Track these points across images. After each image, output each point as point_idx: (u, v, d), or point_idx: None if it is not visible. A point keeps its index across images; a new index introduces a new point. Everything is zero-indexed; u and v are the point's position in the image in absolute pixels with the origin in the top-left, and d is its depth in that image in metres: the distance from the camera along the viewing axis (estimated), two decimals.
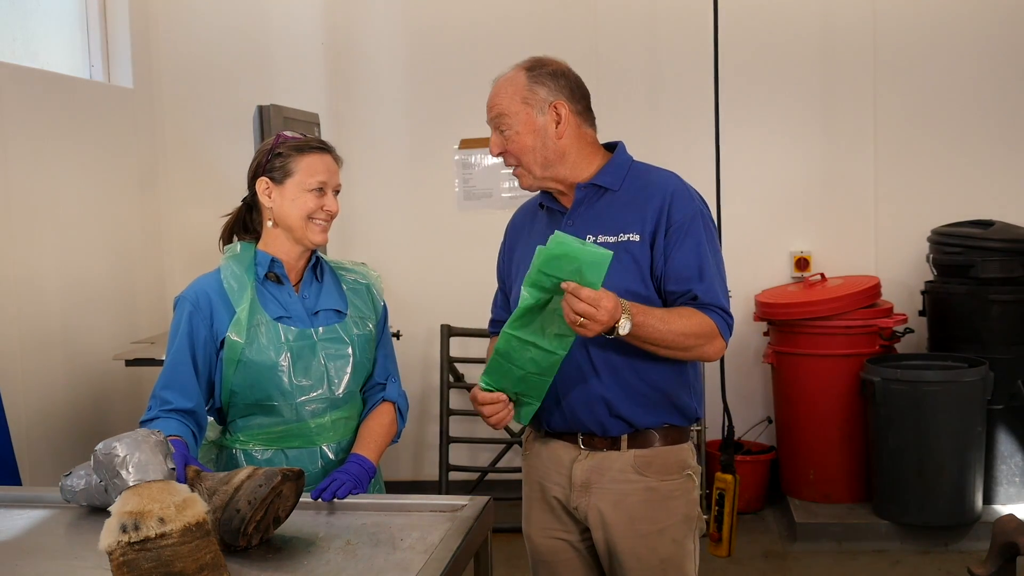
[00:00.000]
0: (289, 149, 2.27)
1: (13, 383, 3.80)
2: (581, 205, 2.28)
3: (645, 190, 2.25)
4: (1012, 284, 4.49)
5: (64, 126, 4.30)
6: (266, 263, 2.29)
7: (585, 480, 2.28)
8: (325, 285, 2.37)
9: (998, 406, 4.45)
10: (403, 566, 1.71)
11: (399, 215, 5.23)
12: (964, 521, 4.37)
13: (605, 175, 2.28)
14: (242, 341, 2.20)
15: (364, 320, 2.38)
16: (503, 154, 2.29)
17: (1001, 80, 4.92)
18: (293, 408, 2.24)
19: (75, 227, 4.33)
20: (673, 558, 2.28)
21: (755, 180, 5.02)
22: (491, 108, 2.27)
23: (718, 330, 2.19)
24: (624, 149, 2.36)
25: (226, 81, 5.14)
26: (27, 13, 4.40)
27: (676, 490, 2.28)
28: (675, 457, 2.29)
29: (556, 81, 2.25)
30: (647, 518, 2.26)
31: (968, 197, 4.87)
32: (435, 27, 5.16)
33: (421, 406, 5.27)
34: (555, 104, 2.24)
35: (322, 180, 2.26)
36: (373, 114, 5.20)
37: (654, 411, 2.25)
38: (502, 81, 2.28)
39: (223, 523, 1.77)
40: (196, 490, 1.80)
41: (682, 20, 5.00)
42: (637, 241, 2.20)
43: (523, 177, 2.30)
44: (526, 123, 2.23)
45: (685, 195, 2.24)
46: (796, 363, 4.68)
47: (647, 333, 2.10)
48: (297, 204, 2.25)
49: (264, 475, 1.81)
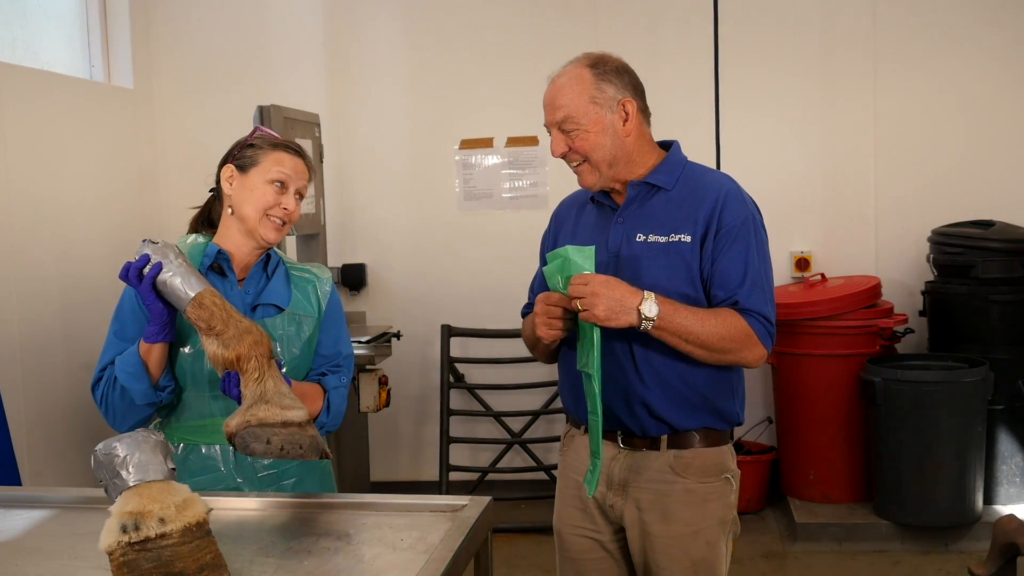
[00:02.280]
0: (263, 142, 2.25)
1: (13, 383, 3.80)
2: (633, 203, 2.26)
3: (698, 191, 2.22)
4: (1012, 284, 4.49)
5: (64, 126, 4.30)
6: (212, 254, 2.24)
7: (623, 479, 2.27)
8: (272, 281, 2.28)
9: (998, 406, 4.45)
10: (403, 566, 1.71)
11: (399, 215, 5.23)
12: (964, 521, 4.37)
13: (659, 173, 2.26)
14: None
15: (300, 318, 2.28)
16: (567, 153, 2.23)
17: (1001, 79, 4.93)
18: (205, 401, 2.19)
19: (75, 227, 4.33)
20: (705, 560, 2.25)
21: (755, 180, 4.95)
22: (555, 109, 2.20)
23: (757, 336, 2.16)
24: (679, 148, 2.33)
25: (226, 81, 5.14)
26: (27, 13, 4.40)
27: (713, 492, 2.26)
28: (714, 459, 2.26)
29: (621, 78, 2.21)
30: (682, 519, 2.24)
31: (968, 197, 4.87)
32: (435, 27, 5.17)
33: (421, 406, 5.27)
34: (623, 102, 2.20)
35: (286, 174, 2.21)
36: (373, 114, 5.20)
37: (694, 414, 2.23)
38: (564, 80, 2.20)
39: (249, 435, 1.81)
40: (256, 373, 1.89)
41: (683, 19, 5.00)
42: (688, 242, 2.18)
43: (588, 175, 2.24)
44: (596, 122, 2.18)
45: (738, 199, 2.22)
46: (796, 363, 4.68)
47: (678, 326, 2.08)
48: (256, 195, 2.20)
49: (310, 441, 1.85)
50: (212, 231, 2.32)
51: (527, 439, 5.01)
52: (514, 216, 5.16)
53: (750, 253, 2.18)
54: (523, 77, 5.02)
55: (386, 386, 4.25)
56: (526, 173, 5.16)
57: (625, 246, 2.23)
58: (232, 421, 1.80)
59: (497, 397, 5.12)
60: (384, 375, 4.24)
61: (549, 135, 2.26)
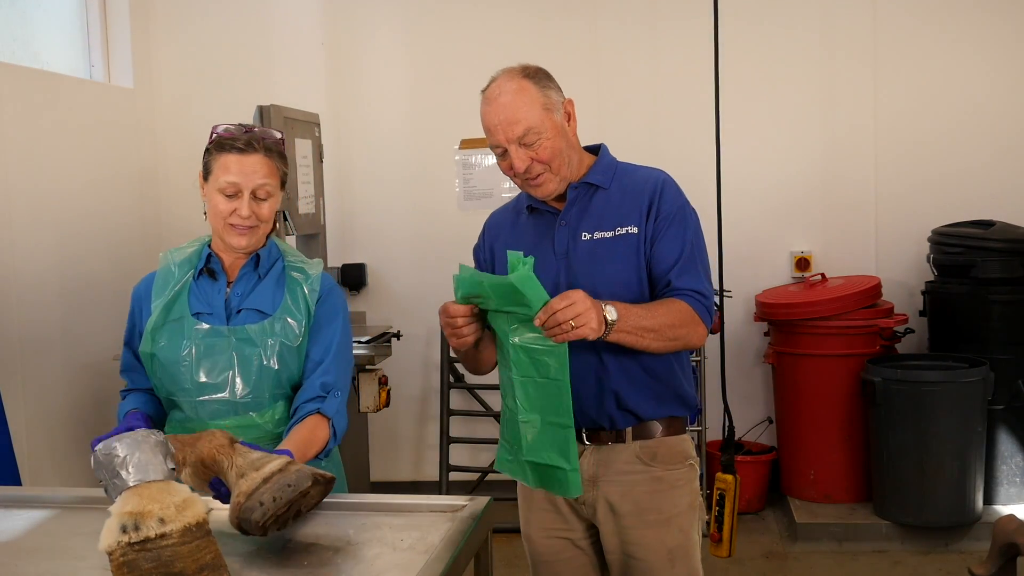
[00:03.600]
0: (214, 146, 2.21)
1: (13, 383, 3.80)
2: (575, 204, 2.29)
3: (636, 185, 2.28)
4: (1012, 284, 4.49)
5: (64, 126, 4.30)
6: (204, 257, 2.28)
7: (592, 474, 2.29)
8: (263, 284, 2.25)
9: (998, 406, 4.45)
10: (403, 566, 1.71)
11: (399, 215, 5.23)
12: (964, 521, 4.37)
13: (596, 173, 2.30)
14: (150, 335, 2.21)
15: (287, 324, 2.21)
16: (529, 166, 2.22)
17: (1001, 79, 4.93)
18: (193, 407, 2.20)
19: (75, 227, 4.33)
20: (680, 547, 2.31)
21: (756, 181, 5.02)
22: (512, 125, 2.18)
23: (697, 315, 2.19)
24: (607, 150, 2.37)
25: (226, 81, 5.14)
26: (27, 13, 4.40)
27: (680, 479, 2.31)
28: (678, 447, 2.32)
29: (553, 81, 2.26)
30: (654, 508, 2.28)
31: (968, 197, 4.87)
32: (435, 27, 5.16)
33: (421, 406, 5.27)
34: (565, 103, 2.25)
35: (232, 182, 2.16)
36: (373, 114, 5.20)
37: (659, 402, 2.28)
38: (511, 96, 2.19)
39: (244, 510, 1.72)
40: (225, 460, 1.81)
41: (683, 18, 5.00)
42: (636, 233, 2.24)
43: (549, 183, 2.25)
44: (553, 128, 2.21)
45: (673, 188, 2.28)
46: (797, 363, 4.68)
47: (634, 323, 2.09)
48: (212, 204, 2.20)
49: (296, 475, 1.76)
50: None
51: None
52: None
53: (686, 235, 2.23)
54: None
55: (386, 386, 4.25)
56: None
57: (572, 246, 2.27)
58: (230, 513, 1.76)
59: (497, 397, 5.08)
60: (384, 375, 4.24)
61: (499, 156, 2.24)
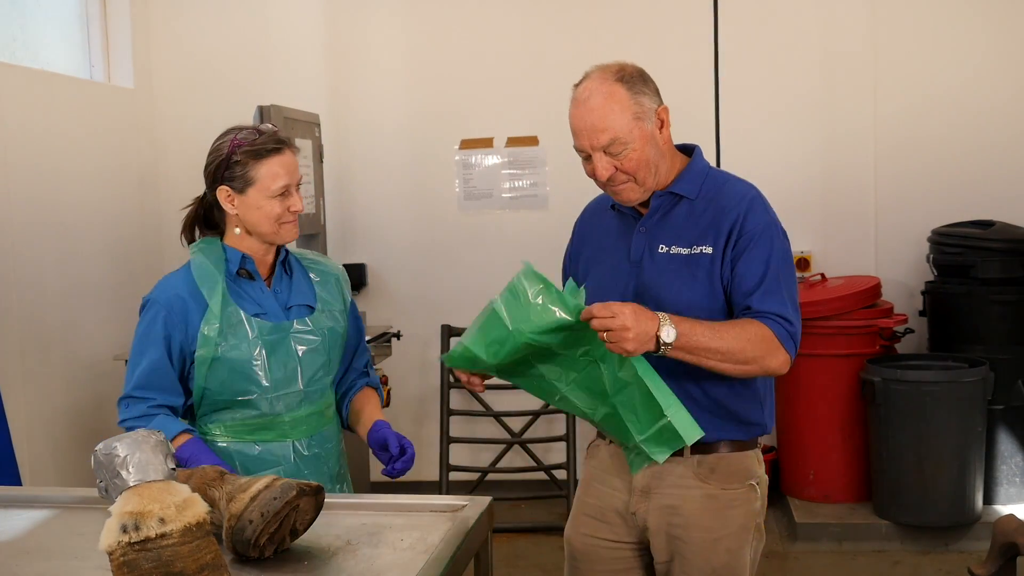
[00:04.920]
0: (246, 155, 2.22)
1: (13, 383, 3.80)
2: (656, 213, 2.20)
3: (721, 201, 2.18)
4: (1012, 284, 4.49)
5: (64, 126, 4.30)
6: (237, 259, 2.27)
7: (645, 485, 2.23)
8: (295, 280, 2.36)
9: (998, 406, 4.45)
10: (403, 566, 1.71)
11: (399, 215, 5.23)
12: (964, 521, 4.37)
13: (683, 183, 2.20)
14: (216, 337, 2.20)
15: (334, 313, 2.37)
16: (613, 175, 2.12)
17: (1001, 80, 4.93)
18: (269, 402, 2.25)
19: (75, 227, 4.33)
20: (727, 567, 2.20)
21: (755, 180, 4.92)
22: (598, 133, 2.08)
23: (778, 339, 2.09)
24: (701, 154, 2.27)
25: (226, 81, 5.14)
26: (27, 13, 4.40)
27: (737, 499, 2.21)
28: (739, 464, 2.22)
29: (648, 85, 2.14)
30: (702, 526, 2.19)
31: (968, 197, 4.87)
32: (435, 27, 5.16)
33: (421, 406, 5.27)
34: (659, 111, 2.14)
35: (284, 184, 2.23)
36: (373, 114, 5.20)
37: (718, 426, 2.18)
38: (600, 100, 2.08)
39: (235, 531, 1.73)
40: (216, 492, 1.80)
41: (683, 18, 5.00)
42: (709, 254, 2.14)
43: (632, 191, 2.16)
44: (640, 138, 2.10)
45: (762, 206, 2.18)
46: (796, 363, 4.55)
47: (696, 342, 2.00)
48: (264, 211, 2.23)
49: (281, 488, 1.76)
50: (214, 232, 2.34)
51: (527, 439, 5.00)
52: (514, 216, 5.16)
53: (770, 257, 2.13)
54: (523, 77, 5.03)
55: (386, 386, 4.25)
56: (526, 173, 5.16)
57: (647, 257, 2.19)
58: (224, 539, 1.74)
59: (497, 397, 5.11)
60: (384, 375, 4.25)
61: (583, 158, 2.15)
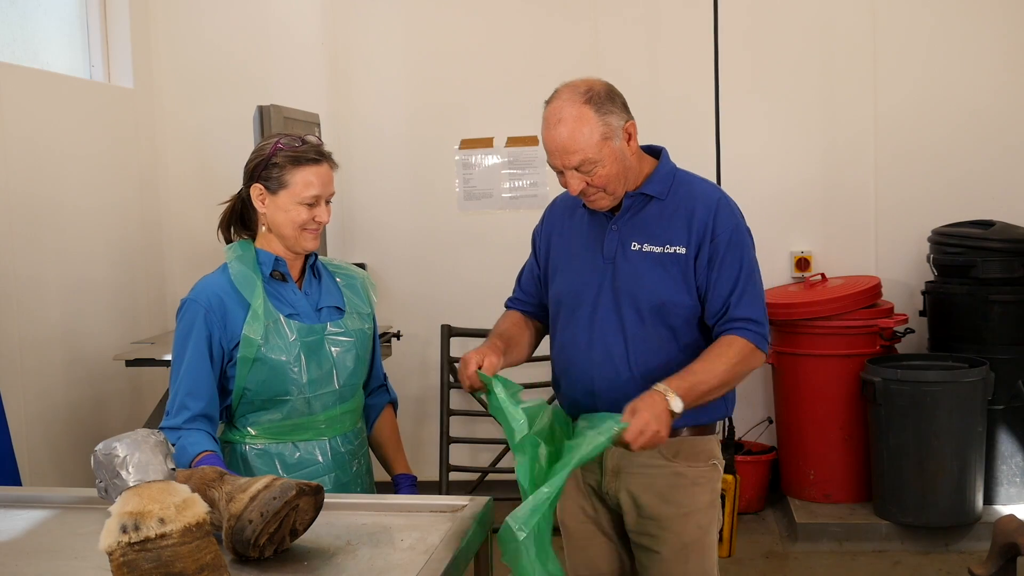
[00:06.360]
0: (286, 159, 2.27)
1: (13, 383, 3.80)
2: (627, 212, 2.32)
3: (689, 202, 2.30)
4: (1012, 284, 4.49)
5: (64, 126, 4.30)
6: (270, 262, 2.33)
7: (616, 466, 2.35)
8: (324, 283, 2.43)
9: (999, 406, 4.45)
10: (403, 566, 1.71)
11: (399, 215, 5.23)
12: (964, 521, 4.37)
13: (653, 184, 2.32)
14: (259, 339, 2.25)
15: (362, 316, 2.46)
16: (584, 189, 2.24)
17: (1001, 80, 4.92)
18: (306, 402, 2.31)
19: (75, 227, 4.33)
20: (696, 543, 2.36)
21: (755, 180, 5.01)
22: (569, 155, 2.18)
23: (753, 345, 2.25)
24: (668, 156, 2.39)
25: (226, 81, 5.14)
26: (27, 13, 4.40)
27: (702, 477, 2.36)
28: (702, 446, 2.37)
29: (615, 103, 2.23)
30: (673, 501, 2.33)
31: (968, 197, 4.87)
32: (435, 27, 5.16)
33: (421, 406, 5.27)
34: (626, 126, 2.24)
35: (316, 194, 2.28)
36: (373, 114, 5.20)
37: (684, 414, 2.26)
38: (570, 125, 2.17)
39: (235, 531, 1.74)
40: (216, 493, 1.80)
41: (682, 18, 5.00)
42: (683, 254, 2.27)
43: (604, 200, 2.28)
44: (610, 155, 2.20)
45: (727, 209, 2.31)
46: (797, 363, 4.68)
47: (698, 392, 2.17)
48: (290, 215, 2.29)
49: (280, 488, 1.76)
50: (247, 233, 2.39)
51: None
52: (514, 216, 5.16)
53: (742, 259, 2.29)
54: (523, 77, 5.02)
55: None
56: (526, 173, 5.16)
57: (620, 254, 2.31)
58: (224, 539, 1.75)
59: None
60: None
61: (559, 173, 2.25)
